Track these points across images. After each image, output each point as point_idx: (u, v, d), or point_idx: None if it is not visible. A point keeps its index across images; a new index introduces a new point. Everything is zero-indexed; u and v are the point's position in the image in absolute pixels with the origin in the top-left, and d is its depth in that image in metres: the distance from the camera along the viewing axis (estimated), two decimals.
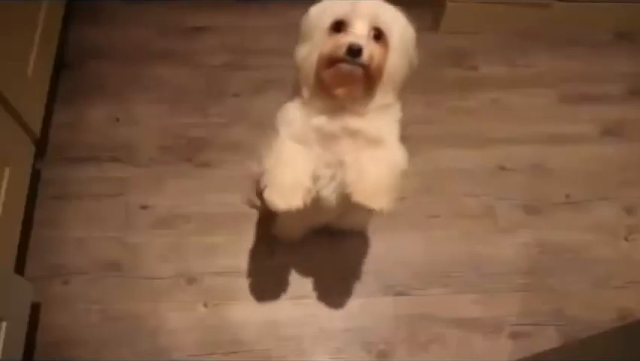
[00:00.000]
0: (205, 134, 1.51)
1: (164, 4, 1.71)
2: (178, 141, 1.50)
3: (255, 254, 1.35)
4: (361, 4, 0.88)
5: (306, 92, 0.92)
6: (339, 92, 0.88)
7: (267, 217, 1.32)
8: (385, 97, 0.92)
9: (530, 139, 1.55)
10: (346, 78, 0.87)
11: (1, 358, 1.01)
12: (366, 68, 0.86)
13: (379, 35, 0.88)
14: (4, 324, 1.02)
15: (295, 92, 0.96)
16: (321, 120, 0.91)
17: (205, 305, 1.29)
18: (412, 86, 1.61)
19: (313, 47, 0.89)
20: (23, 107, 1.25)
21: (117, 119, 1.52)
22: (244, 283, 1.32)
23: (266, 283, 1.32)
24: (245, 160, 1.44)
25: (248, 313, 1.28)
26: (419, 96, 1.60)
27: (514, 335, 1.30)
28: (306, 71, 0.90)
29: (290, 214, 0.89)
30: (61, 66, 1.57)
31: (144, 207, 1.39)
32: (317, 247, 1.34)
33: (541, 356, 1.16)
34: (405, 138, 1.53)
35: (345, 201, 0.90)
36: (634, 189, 1.50)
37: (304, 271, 1.34)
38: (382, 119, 0.93)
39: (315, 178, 0.91)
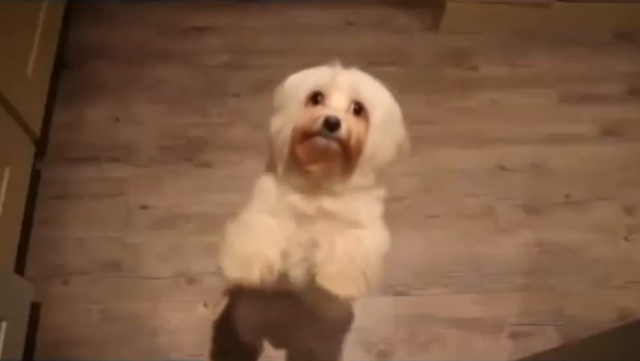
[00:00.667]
0: (205, 134, 1.51)
1: (164, 4, 1.71)
2: (178, 140, 1.50)
3: None
4: (341, 75, 0.81)
5: (279, 168, 0.83)
6: (314, 168, 0.79)
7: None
8: (364, 178, 0.82)
9: (530, 139, 1.55)
10: (322, 154, 0.78)
11: (1, 358, 1.01)
12: (343, 143, 0.77)
13: (359, 110, 0.80)
14: (4, 324, 1.02)
15: (269, 166, 0.88)
16: (295, 198, 0.83)
17: (205, 305, 1.29)
18: (413, 86, 1.63)
19: (288, 120, 0.80)
20: (23, 107, 1.25)
21: (117, 119, 1.52)
22: None
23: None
24: (244, 160, 1.45)
25: (248, 313, 1.28)
26: (419, 96, 1.60)
27: (514, 335, 1.30)
28: (280, 144, 0.82)
29: (248, 295, 0.81)
30: (61, 66, 1.57)
31: (144, 207, 1.40)
32: None
33: (541, 356, 1.16)
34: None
35: (313, 286, 0.80)
36: (634, 189, 1.50)
37: None
38: (361, 200, 0.84)
39: (285, 256, 0.82)
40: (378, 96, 0.83)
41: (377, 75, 1.79)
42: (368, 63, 1.69)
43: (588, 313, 1.33)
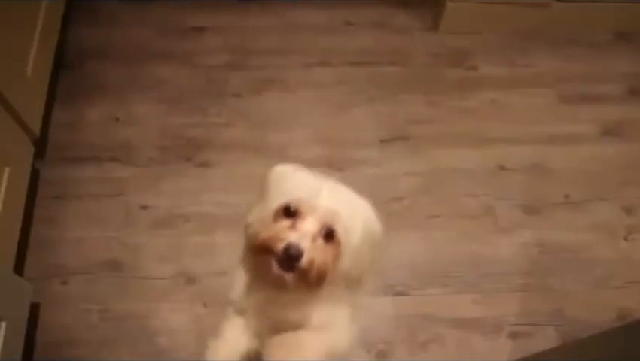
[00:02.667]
0: (205, 134, 1.51)
1: (164, 4, 1.71)
2: (178, 140, 1.50)
3: None
4: (323, 193, 0.74)
5: (245, 264, 0.83)
6: (270, 281, 0.76)
7: None
8: (333, 293, 0.79)
9: (530, 139, 1.55)
10: (274, 280, 0.74)
11: (0, 358, 1.01)
12: (302, 273, 0.72)
13: (331, 236, 0.74)
14: (3, 324, 1.02)
15: (242, 259, 0.87)
16: (256, 301, 0.83)
17: (205, 305, 1.29)
18: (413, 86, 1.63)
19: (258, 219, 0.77)
20: (23, 106, 1.25)
21: (117, 119, 1.52)
22: None
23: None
24: (244, 160, 1.45)
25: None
26: (419, 96, 1.60)
27: (514, 335, 1.30)
28: (247, 240, 0.80)
29: None
30: (60, 66, 1.57)
31: (143, 207, 1.39)
32: None
33: (541, 356, 1.16)
34: (405, 138, 1.55)
35: None
36: (633, 189, 1.50)
37: None
38: (329, 310, 0.81)
39: (255, 352, 0.85)
40: (358, 216, 0.77)
41: (377, 75, 1.80)
42: (368, 63, 1.71)
43: (587, 313, 1.33)
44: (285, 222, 0.74)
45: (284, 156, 1.44)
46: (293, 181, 0.78)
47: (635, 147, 1.57)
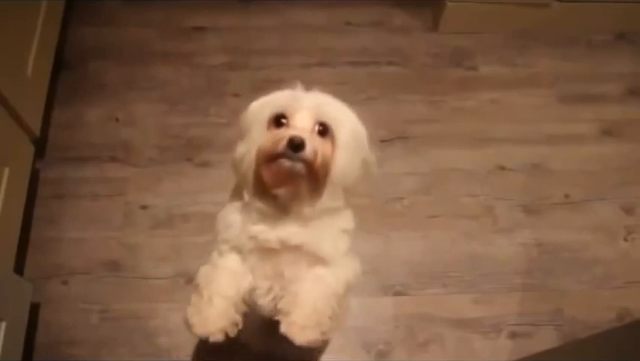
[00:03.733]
0: (205, 134, 1.51)
1: (164, 4, 1.71)
2: (178, 140, 1.50)
3: None
4: (305, 96, 0.80)
5: (245, 193, 0.82)
6: (281, 192, 0.78)
7: None
8: (333, 200, 0.81)
9: (530, 139, 1.55)
10: (287, 176, 0.76)
11: (1, 358, 1.01)
12: (309, 164, 0.75)
13: (324, 131, 0.79)
14: (3, 324, 1.02)
15: (235, 194, 0.88)
16: (258, 230, 0.82)
17: None
18: (413, 86, 1.63)
19: (252, 144, 0.80)
20: (23, 106, 1.25)
21: (117, 119, 1.52)
22: None
23: None
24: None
25: (248, 313, 1.28)
26: (419, 96, 1.60)
27: (513, 335, 1.30)
28: (244, 169, 0.81)
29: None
30: (60, 66, 1.57)
31: (143, 207, 1.40)
32: None
33: (540, 356, 1.16)
34: (405, 138, 1.55)
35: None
36: (633, 189, 1.50)
37: None
38: (327, 232, 0.83)
39: (252, 290, 0.83)
40: (343, 117, 0.81)
41: (377, 75, 1.80)
42: (368, 63, 1.71)
43: (587, 313, 1.33)
44: (280, 129, 0.78)
45: None
46: (274, 99, 0.82)
47: (635, 147, 1.57)
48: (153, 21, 1.68)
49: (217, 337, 0.80)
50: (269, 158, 0.77)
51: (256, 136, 0.80)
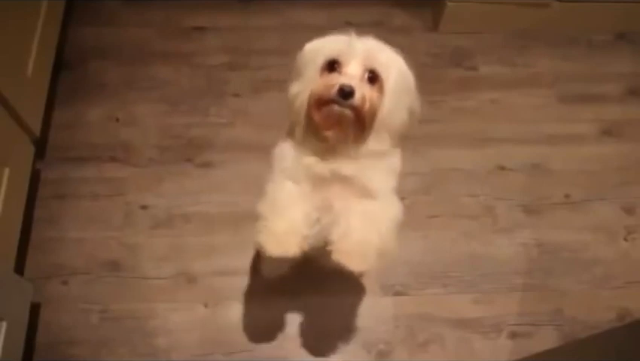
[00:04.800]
0: (205, 134, 1.51)
1: (164, 4, 1.71)
2: (178, 140, 1.50)
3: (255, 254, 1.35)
4: (357, 44, 0.84)
5: (297, 132, 0.88)
6: (329, 134, 0.84)
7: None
8: (379, 143, 0.87)
9: (530, 139, 1.55)
10: (336, 120, 0.82)
11: (1, 358, 1.01)
12: (357, 110, 0.81)
13: (374, 78, 0.83)
14: (3, 324, 1.02)
15: (289, 132, 0.92)
16: (311, 160, 0.87)
17: (205, 305, 1.29)
18: None
19: (305, 85, 0.85)
20: (23, 107, 1.25)
21: (117, 119, 1.52)
22: (244, 282, 1.32)
23: (266, 283, 1.32)
24: (244, 160, 1.45)
25: (248, 313, 1.29)
26: (419, 96, 1.60)
27: (513, 335, 1.30)
28: (297, 109, 0.86)
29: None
30: (60, 66, 1.57)
31: (143, 207, 1.40)
32: None
33: (541, 356, 1.16)
34: (405, 138, 1.54)
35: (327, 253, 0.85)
36: (633, 189, 1.50)
37: (303, 270, 1.33)
38: (375, 168, 0.88)
39: (309, 219, 0.87)
40: (392, 64, 0.85)
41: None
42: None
43: (587, 313, 1.33)
44: (332, 75, 0.83)
45: None
46: (329, 43, 0.86)
47: (635, 147, 1.57)
48: (153, 21, 1.68)
49: (294, 252, 0.84)
50: (321, 102, 0.82)
51: (310, 78, 0.84)
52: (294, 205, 0.87)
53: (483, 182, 1.49)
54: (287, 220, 0.85)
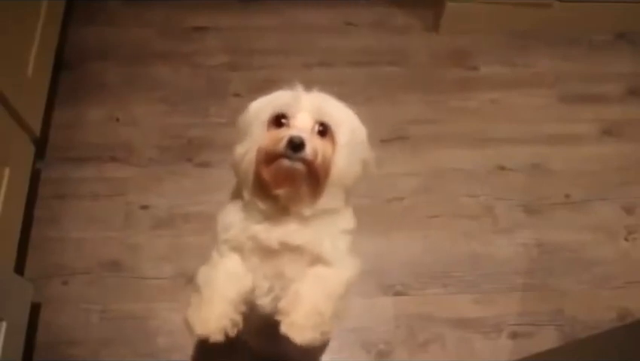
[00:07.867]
0: (205, 134, 1.51)
1: (164, 4, 1.71)
2: (178, 140, 1.50)
3: None
4: (305, 96, 0.80)
5: (245, 193, 0.82)
6: (281, 192, 0.77)
7: None
8: (333, 200, 0.81)
9: (530, 139, 1.55)
10: (287, 176, 0.76)
11: (1, 358, 1.01)
12: (309, 164, 0.75)
13: (324, 131, 0.78)
14: (3, 324, 1.02)
15: (235, 194, 0.88)
16: (258, 229, 0.81)
17: None
18: (413, 86, 1.63)
19: (251, 144, 0.79)
20: (23, 107, 1.25)
21: (117, 119, 1.52)
22: None
23: None
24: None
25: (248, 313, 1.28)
26: (419, 96, 1.60)
27: (514, 335, 1.30)
28: (244, 169, 0.81)
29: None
30: (60, 66, 1.57)
31: (143, 207, 1.40)
32: None
33: (541, 356, 1.16)
34: (405, 138, 1.55)
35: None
36: (633, 189, 1.50)
37: None
38: (327, 232, 0.82)
39: (252, 290, 0.83)
40: (343, 117, 0.81)
41: (377, 75, 1.80)
42: (368, 63, 1.71)
43: (588, 313, 1.33)
44: (280, 129, 0.78)
45: None
46: (274, 99, 0.82)
47: (635, 147, 1.57)
48: (153, 21, 1.68)
49: (217, 337, 0.79)
50: (270, 158, 0.76)
51: (256, 136, 0.79)
52: (231, 285, 0.81)
53: (483, 182, 1.49)
54: (218, 303, 0.80)
